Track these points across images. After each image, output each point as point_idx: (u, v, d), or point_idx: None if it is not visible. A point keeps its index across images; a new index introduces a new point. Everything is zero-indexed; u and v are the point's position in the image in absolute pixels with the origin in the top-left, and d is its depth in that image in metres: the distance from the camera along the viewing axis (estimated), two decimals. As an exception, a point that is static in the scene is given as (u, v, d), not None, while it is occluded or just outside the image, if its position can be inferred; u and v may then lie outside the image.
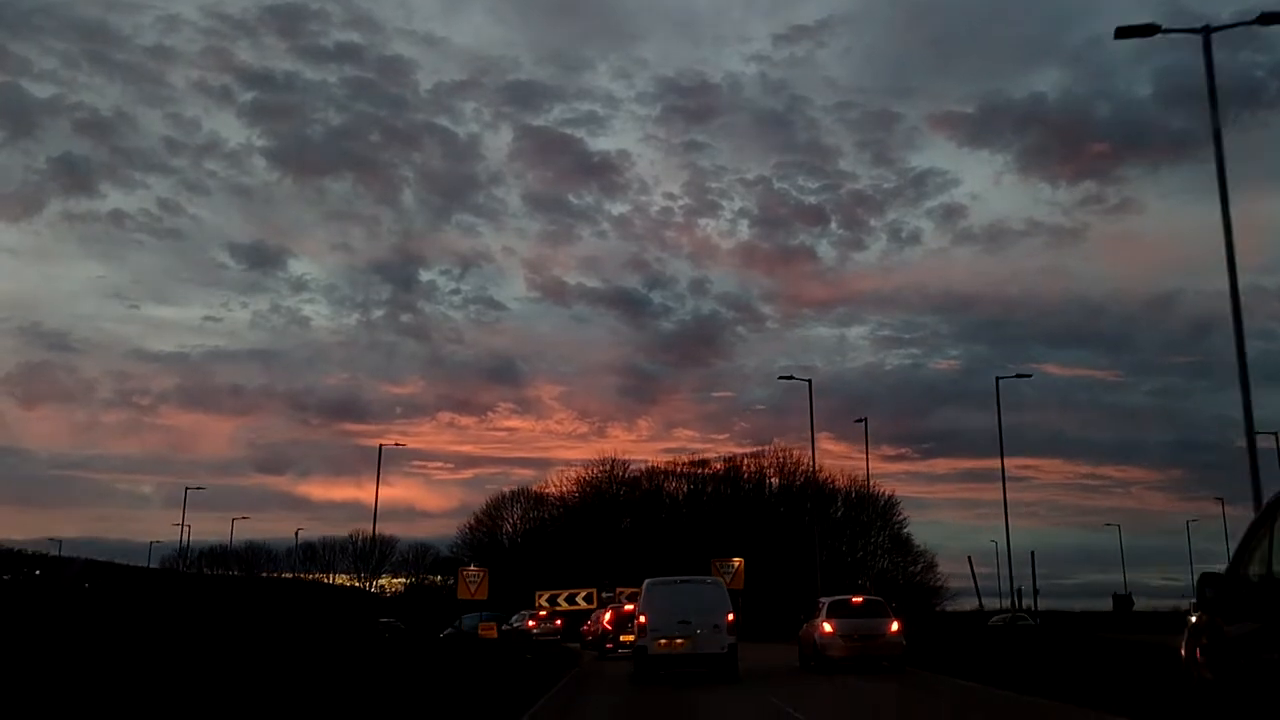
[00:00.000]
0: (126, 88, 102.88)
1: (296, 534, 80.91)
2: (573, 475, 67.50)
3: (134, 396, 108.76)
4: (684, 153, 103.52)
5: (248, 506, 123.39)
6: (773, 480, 67.86)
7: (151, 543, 79.43)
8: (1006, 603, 54.01)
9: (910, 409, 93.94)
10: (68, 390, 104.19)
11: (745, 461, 67.33)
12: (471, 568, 37.61)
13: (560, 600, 51.98)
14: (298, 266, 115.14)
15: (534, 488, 70.21)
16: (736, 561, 39.93)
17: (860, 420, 47.05)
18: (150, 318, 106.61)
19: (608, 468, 66.01)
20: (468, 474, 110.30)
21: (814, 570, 55.62)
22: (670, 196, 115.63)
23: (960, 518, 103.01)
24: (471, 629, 33.57)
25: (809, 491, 67.06)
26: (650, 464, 67.67)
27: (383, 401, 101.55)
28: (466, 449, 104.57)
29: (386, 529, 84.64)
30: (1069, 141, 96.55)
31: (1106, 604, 72.95)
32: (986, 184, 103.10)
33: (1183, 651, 7.58)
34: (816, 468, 66.34)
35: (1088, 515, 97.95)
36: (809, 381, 42.23)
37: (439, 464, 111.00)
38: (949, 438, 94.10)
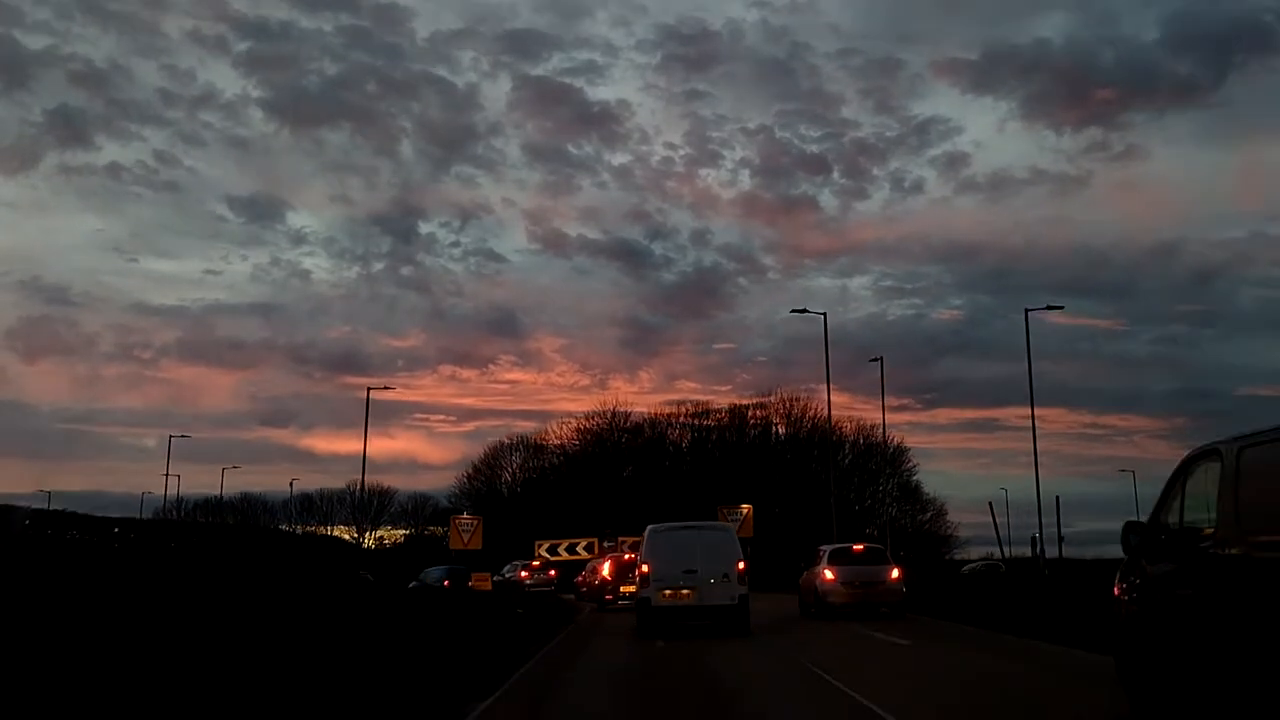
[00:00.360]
0: (121, 38, 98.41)
1: (291, 484, 78.90)
2: (573, 424, 65.51)
3: (135, 350, 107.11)
4: (684, 102, 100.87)
5: (251, 459, 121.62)
6: (779, 428, 65.83)
7: (143, 494, 77.77)
8: (1022, 550, 52.12)
9: (913, 359, 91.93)
10: (69, 344, 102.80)
11: (752, 410, 65.26)
12: (465, 515, 35.70)
13: (560, 550, 50.34)
14: (296, 219, 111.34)
15: (534, 438, 68.22)
16: (745, 508, 37.92)
17: (875, 360, 44.50)
18: (150, 271, 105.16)
19: (609, 416, 63.91)
20: (469, 427, 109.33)
21: (827, 519, 54.12)
22: (671, 146, 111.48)
23: (963, 467, 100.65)
24: (437, 582, 31.39)
25: (816, 439, 65.31)
26: (653, 412, 65.63)
27: (384, 354, 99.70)
28: (468, 402, 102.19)
29: (388, 481, 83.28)
30: (1074, 88, 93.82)
31: (1111, 551, 71.97)
32: (990, 132, 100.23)
33: (1115, 590, 8.69)
34: (826, 415, 64.91)
35: (1090, 464, 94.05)
36: (823, 315, 39.82)
37: (441, 416, 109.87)
38: (951, 388, 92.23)
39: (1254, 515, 6.46)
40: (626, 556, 27.95)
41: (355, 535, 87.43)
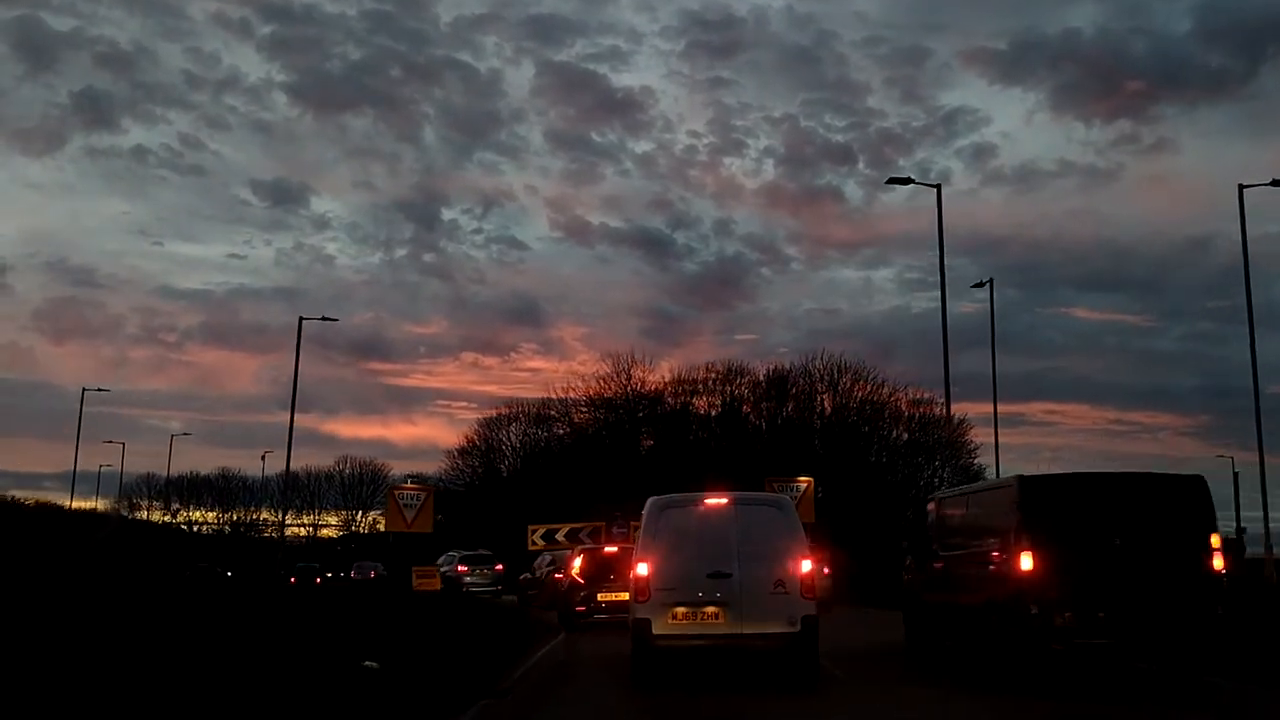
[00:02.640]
0: (146, 20, 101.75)
1: (263, 458, 70.17)
2: (582, 388, 55.96)
3: (160, 333, 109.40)
4: (708, 89, 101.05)
5: (275, 443, 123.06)
6: (824, 398, 56.13)
7: (100, 467, 70.07)
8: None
9: (936, 353, 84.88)
10: (95, 326, 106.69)
11: (793, 377, 55.48)
12: (408, 484, 26.85)
13: (558, 536, 41.18)
14: (320, 204, 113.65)
15: (537, 406, 58.65)
16: (803, 481, 28.43)
17: (982, 284, 34.51)
18: (175, 254, 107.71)
19: (624, 378, 54.33)
20: (491, 414, 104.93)
21: (888, 504, 44.99)
22: (694, 135, 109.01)
23: (986, 463, 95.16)
24: (306, 582, 22.81)
25: (868, 412, 55.89)
26: (676, 376, 55.86)
27: (407, 341, 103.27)
28: (490, 389, 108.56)
29: (410, 467, 76.25)
30: (1104, 79, 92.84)
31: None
32: (1018, 123, 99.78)
33: (904, 575, 16.28)
34: (886, 391, 55.28)
35: (1114, 461, 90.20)
36: (938, 188, 30.03)
37: (462, 403, 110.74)
38: (975, 381, 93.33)
39: (943, 534, 14.22)
40: (606, 550, 20.63)
41: (335, 519, 79.67)
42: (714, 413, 54.81)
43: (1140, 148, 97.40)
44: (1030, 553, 10.97)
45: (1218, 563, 11.15)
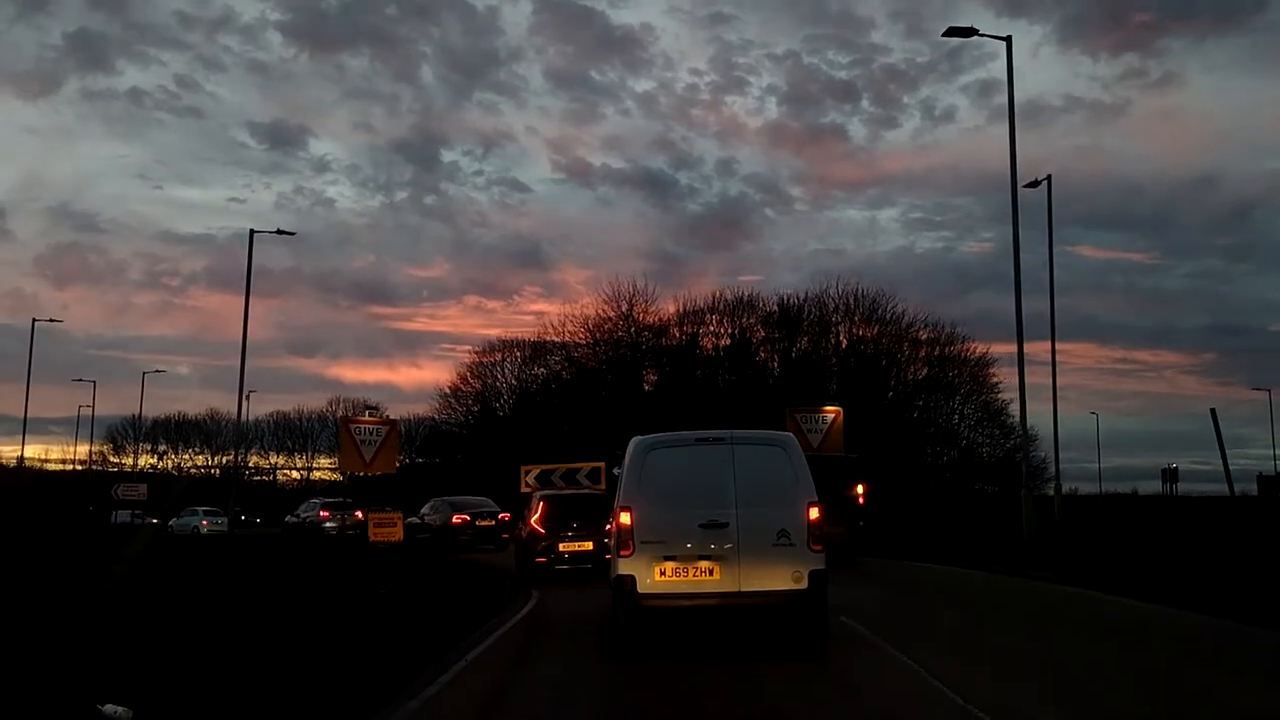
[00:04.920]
0: None
1: (247, 397, 66.84)
2: (579, 315, 52.32)
3: (164, 278, 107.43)
4: (710, 26, 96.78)
5: (281, 388, 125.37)
6: (840, 330, 52.59)
7: (79, 407, 66.90)
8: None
9: (941, 293, 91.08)
10: (99, 272, 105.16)
11: (806, 305, 51.90)
12: (366, 416, 23.58)
13: (554, 479, 37.97)
14: (319, 146, 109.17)
15: (533, 335, 55.12)
16: (830, 412, 24.85)
17: (1037, 183, 29.92)
18: (175, 199, 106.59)
19: (625, 305, 50.74)
20: (496, 358, 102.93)
21: (910, 442, 41.73)
22: (696, 73, 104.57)
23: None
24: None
25: (885, 344, 52.48)
26: (683, 307, 52.23)
27: (410, 284, 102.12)
28: (494, 332, 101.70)
29: (415, 411, 73.22)
30: (1111, 11, 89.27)
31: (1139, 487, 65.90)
32: (1024, 57, 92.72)
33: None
34: (905, 321, 51.65)
35: (1120, 399, 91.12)
36: (1007, 40, 25.58)
37: (467, 347, 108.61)
38: (980, 322, 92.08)
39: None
40: (569, 495, 20.25)
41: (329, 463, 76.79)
42: (723, 346, 51.32)
43: (1147, 82, 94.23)
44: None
45: (859, 493, 21.21)
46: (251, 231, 29.63)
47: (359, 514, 32.33)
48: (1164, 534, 25.80)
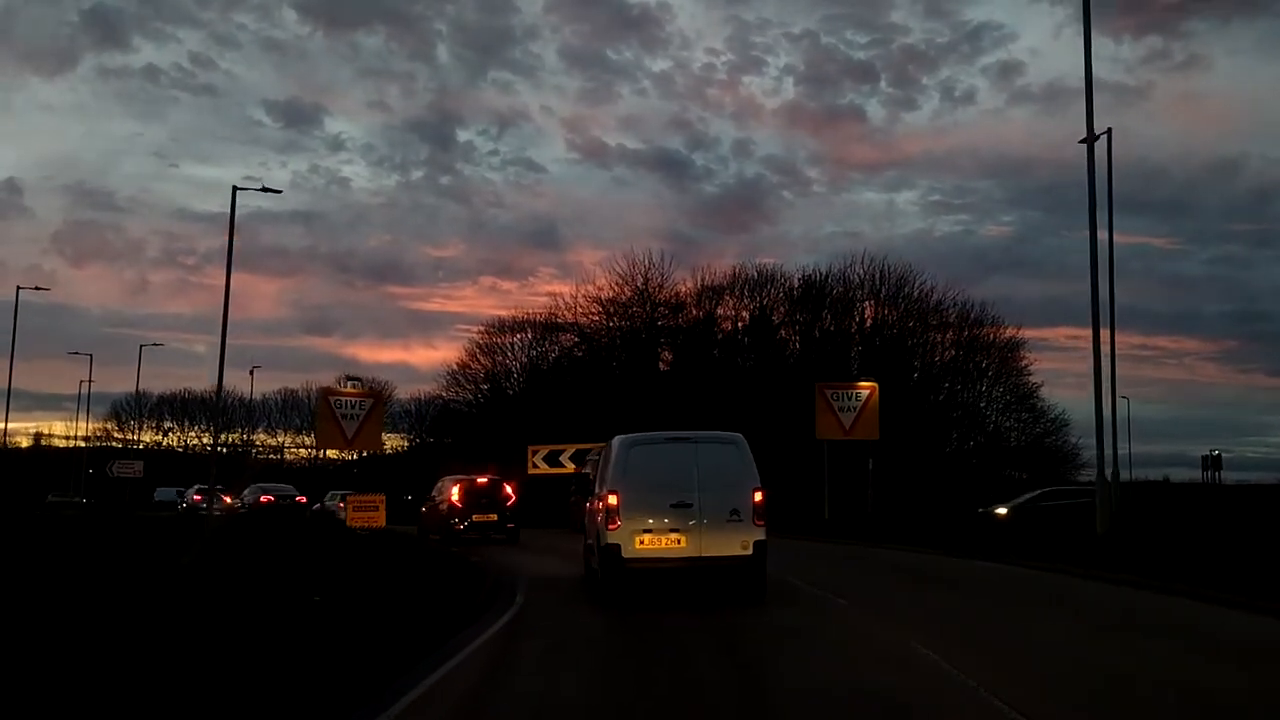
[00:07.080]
0: None
1: (251, 373, 65.42)
2: (590, 291, 50.28)
3: (180, 256, 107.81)
4: (726, 5, 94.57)
5: (297, 367, 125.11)
6: (865, 306, 50.46)
7: (79, 381, 65.53)
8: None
9: (960, 277, 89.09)
10: (115, 249, 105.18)
11: (829, 283, 49.76)
12: (348, 387, 21.79)
13: (562, 459, 36.27)
14: (334, 125, 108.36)
15: (544, 313, 53.07)
16: (865, 388, 22.95)
17: (1097, 137, 26.65)
18: (191, 177, 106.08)
19: (641, 280, 48.64)
20: (512, 338, 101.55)
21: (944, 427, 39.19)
22: (713, 52, 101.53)
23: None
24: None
25: (911, 324, 50.36)
26: (700, 283, 50.15)
27: (425, 264, 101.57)
28: (509, 313, 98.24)
29: (430, 391, 70.95)
30: None
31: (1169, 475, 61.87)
32: (1046, 38, 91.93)
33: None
34: (934, 298, 49.40)
35: (1139, 386, 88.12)
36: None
37: (481, 328, 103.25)
38: (1000, 306, 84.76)
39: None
40: (479, 481, 25.28)
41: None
42: (742, 323, 49.28)
43: (1171, 65, 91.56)
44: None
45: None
46: (235, 188, 27.69)
47: (227, 499, 31.69)
48: (1242, 527, 22.82)
